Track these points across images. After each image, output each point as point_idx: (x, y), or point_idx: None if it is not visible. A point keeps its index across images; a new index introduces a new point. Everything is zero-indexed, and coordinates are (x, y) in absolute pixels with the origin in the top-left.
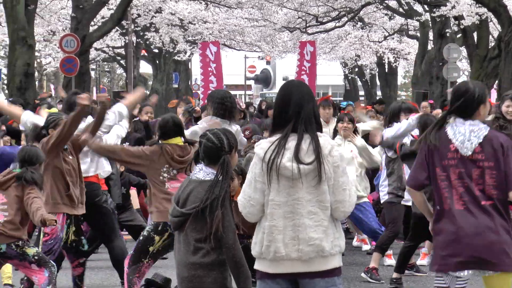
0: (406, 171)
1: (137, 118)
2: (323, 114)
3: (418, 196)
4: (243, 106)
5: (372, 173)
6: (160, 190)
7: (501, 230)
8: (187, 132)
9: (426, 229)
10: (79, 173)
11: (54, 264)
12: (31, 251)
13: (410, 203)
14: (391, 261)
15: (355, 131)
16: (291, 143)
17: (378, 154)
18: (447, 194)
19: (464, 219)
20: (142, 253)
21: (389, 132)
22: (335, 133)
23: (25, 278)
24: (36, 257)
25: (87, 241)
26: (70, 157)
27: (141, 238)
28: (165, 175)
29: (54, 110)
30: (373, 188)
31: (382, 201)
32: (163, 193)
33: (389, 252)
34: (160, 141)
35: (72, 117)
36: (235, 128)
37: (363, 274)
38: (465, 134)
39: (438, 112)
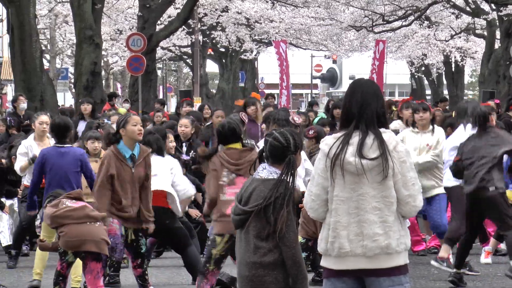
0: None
1: (210, 123)
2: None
3: None
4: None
5: None
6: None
7: None
8: None
9: (480, 216)
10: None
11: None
12: None
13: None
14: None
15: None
16: (355, 139)
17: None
18: None
19: None
20: (207, 259)
21: (449, 142)
22: None
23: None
24: None
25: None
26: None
27: (208, 242)
28: (225, 179)
29: (122, 110)
30: None
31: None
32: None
33: None
34: (220, 146)
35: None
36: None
37: (433, 261)
38: None
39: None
